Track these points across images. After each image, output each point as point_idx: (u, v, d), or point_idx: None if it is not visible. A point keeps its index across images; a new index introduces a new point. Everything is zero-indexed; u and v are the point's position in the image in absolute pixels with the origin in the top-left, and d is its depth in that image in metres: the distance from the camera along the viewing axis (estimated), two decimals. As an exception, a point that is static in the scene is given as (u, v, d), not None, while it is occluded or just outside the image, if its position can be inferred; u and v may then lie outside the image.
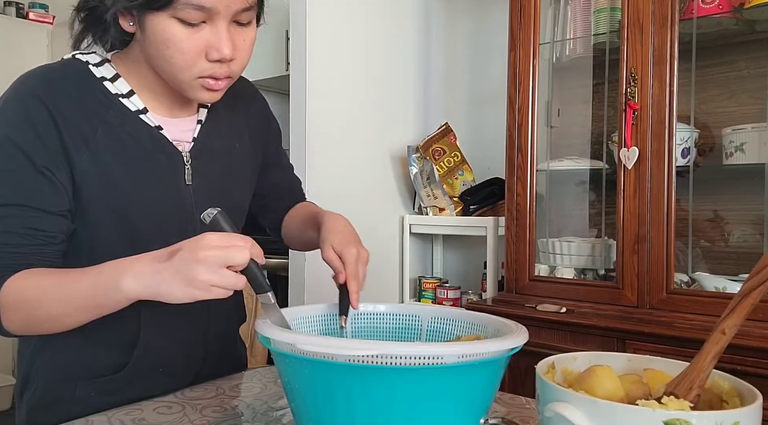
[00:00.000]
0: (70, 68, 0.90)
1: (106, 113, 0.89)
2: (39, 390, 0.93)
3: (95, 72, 0.91)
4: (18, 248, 0.82)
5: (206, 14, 0.81)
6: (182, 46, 0.82)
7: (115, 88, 0.91)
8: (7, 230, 0.82)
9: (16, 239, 0.82)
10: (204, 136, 0.99)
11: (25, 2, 3.57)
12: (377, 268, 2.44)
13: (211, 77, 0.86)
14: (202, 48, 0.83)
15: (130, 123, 0.91)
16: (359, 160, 2.37)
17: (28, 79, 0.87)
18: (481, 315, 0.85)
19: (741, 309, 0.61)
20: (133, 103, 0.92)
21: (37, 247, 0.84)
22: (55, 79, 0.88)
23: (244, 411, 0.89)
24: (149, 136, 0.92)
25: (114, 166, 0.88)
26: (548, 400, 0.60)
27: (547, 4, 2.08)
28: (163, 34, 0.82)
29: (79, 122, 0.86)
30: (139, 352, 0.93)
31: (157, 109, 0.95)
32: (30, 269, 0.82)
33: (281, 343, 0.68)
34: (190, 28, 0.82)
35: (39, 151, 0.83)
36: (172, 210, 0.93)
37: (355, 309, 0.89)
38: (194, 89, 0.87)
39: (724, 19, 1.82)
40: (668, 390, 0.62)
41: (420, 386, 0.64)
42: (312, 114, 2.16)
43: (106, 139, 0.88)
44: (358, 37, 2.34)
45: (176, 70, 0.85)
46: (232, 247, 0.71)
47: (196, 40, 0.83)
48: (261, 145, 1.11)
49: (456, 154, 2.47)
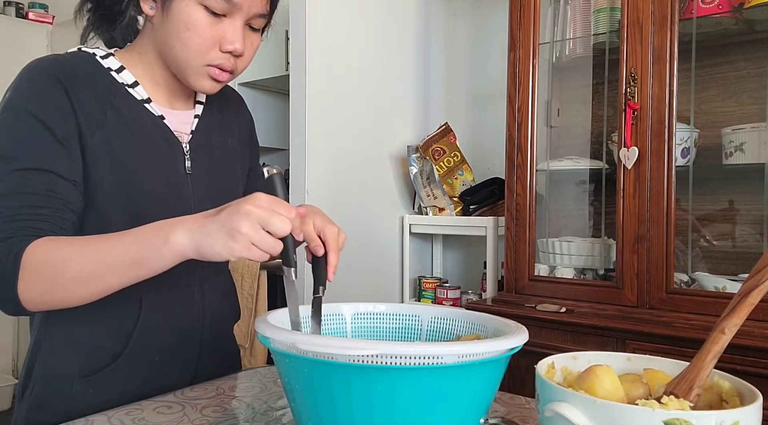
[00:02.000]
0: (79, 57, 0.94)
1: (114, 98, 0.93)
2: (38, 387, 0.93)
3: (102, 63, 0.95)
4: (40, 209, 0.82)
5: (230, 8, 0.89)
6: (202, 31, 0.89)
7: (120, 79, 0.95)
8: (28, 191, 0.82)
9: (37, 200, 0.83)
10: (201, 130, 1.03)
11: (25, 2, 3.57)
12: (377, 268, 2.44)
13: (218, 67, 0.92)
14: (218, 38, 0.90)
15: (136, 110, 0.95)
16: (359, 160, 2.37)
17: (41, 62, 0.90)
18: (481, 315, 0.85)
19: (741, 309, 0.61)
20: (138, 93, 0.96)
21: (58, 212, 0.84)
22: (68, 63, 0.91)
23: (244, 411, 0.89)
24: (153, 124, 0.96)
25: (122, 150, 0.91)
26: (548, 400, 0.60)
27: (547, 4, 2.08)
28: (187, 17, 0.89)
29: (91, 104, 0.89)
30: (137, 336, 0.94)
31: (159, 101, 0.99)
32: (54, 237, 0.81)
33: (281, 343, 0.68)
34: (213, 17, 0.89)
35: (57, 123, 0.86)
36: (173, 196, 0.96)
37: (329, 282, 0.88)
38: (200, 76, 0.93)
39: (724, 19, 1.82)
40: (668, 390, 0.62)
41: (420, 386, 0.64)
42: (312, 114, 2.16)
43: (115, 124, 0.91)
44: (358, 37, 2.35)
45: (190, 53, 0.91)
46: (276, 214, 0.71)
47: (216, 30, 0.90)
48: (248, 147, 1.15)
49: (456, 153, 2.47)
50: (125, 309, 0.93)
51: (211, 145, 1.04)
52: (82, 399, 0.91)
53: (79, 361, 0.92)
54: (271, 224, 0.71)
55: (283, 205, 0.73)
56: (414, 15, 2.59)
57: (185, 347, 1.01)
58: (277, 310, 0.81)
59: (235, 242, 0.71)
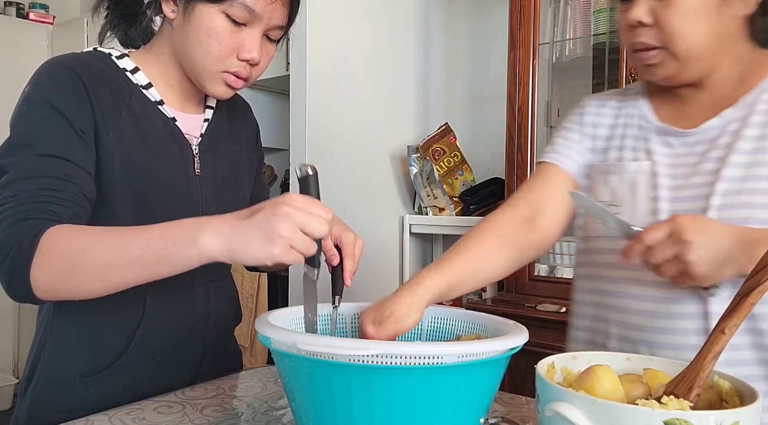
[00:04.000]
0: (96, 57, 0.95)
1: (129, 98, 0.94)
2: (40, 386, 0.93)
3: (118, 63, 0.96)
4: (58, 193, 0.82)
5: (251, 17, 0.90)
6: (223, 37, 0.90)
7: (135, 79, 0.96)
8: (47, 175, 0.82)
9: (55, 184, 0.82)
10: (210, 134, 1.04)
11: (25, 2, 3.57)
12: (377, 268, 2.44)
13: (234, 74, 0.94)
14: (236, 46, 0.92)
15: (149, 111, 0.96)
16: (359, 160, 2.37)
17: (60, 58, 0.91)
18: (481, 315, 0.85)
19: (741, 309, 0.61)
20: (151, 95, 0.97)
21: (74, 197, 0.83)
22: (86, 61, 0.92)
23: (244, 410, 0.89)
24: (165, 125, 0.97)
25: (134, 149, 0.92)
26: (548, 400, 0.60)
27: (546, 4, 2.08)
28: (209, 24, 0.90)
29: (108, 102, 0.91)
30: (140, 336, 0.94)
31: (172, 103, 1.00)
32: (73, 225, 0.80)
33: (281, 343, 0.68)
34: (234, 26, 0.91)
35: (75, 115, 0.87)
36: (183, 197, 0.97)
37: (347, 287, 0.91)
38: (215, 81, 0.95)
39: (724, 19, 1.82)
40: (668, 389, 0.62)
41: (420, 386, 0.64)
42: (312, 114, 2.16)
43: (130, 123, 0.92)
44: (358, 37, 2.35)
45: (209, 59, 0.92)
46: (314, 216, 0.69)
47: (235, 38, 0.91)
48: (254, 153, 1.16)
49: (456, 154, 2.47)
50: (129, 308, 0.93)
51: (219, 149, 1.05)
52: (84, 397, 0.91)
53: (82, 360, 0.93)
54: (309, 226, 0.69)
55: (319, 205, 0.71)
56: (414, 15, 2.59)
57: (188, 348, 1.01)
58: (277, 310, 0.81)
59: (274, 245, 0.68)
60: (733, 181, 0.87)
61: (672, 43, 0.88)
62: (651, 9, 0.88)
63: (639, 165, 0.96)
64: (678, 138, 0.95)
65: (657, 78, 0.93)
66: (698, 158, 0.92)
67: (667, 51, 0.89)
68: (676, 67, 0.90)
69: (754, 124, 0.90)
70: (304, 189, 0.75)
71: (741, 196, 0.86)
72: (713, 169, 0.90)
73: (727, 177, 0.88)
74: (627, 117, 1.02)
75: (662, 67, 0.91)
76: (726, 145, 0.90)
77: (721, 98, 0.94)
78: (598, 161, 1.03)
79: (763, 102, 0.91)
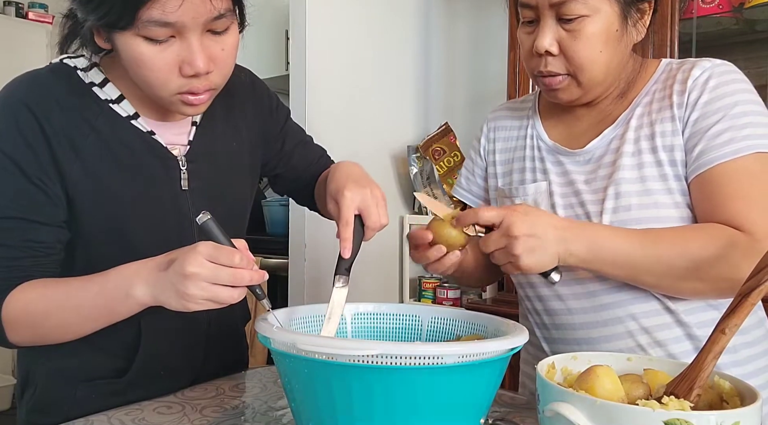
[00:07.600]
0: (58, 74, 0.88)
1: (96, 120, 0.87)
2: (39, 390, 0.92)
3: (84, 77, 0.89)
4: (17, 261, 0.82)
5: (173, 29, 0.77)
6: (152, 64, 0.78)
7: (104, 94, 0.89)
8: (5, 244, 0.82)
9: (15, 252, 0.82)
10: (199, 138, 0.96)
11: (25, 2, 3.57)
12: (377, 268, 2.44)
13: (189, 93, 0.82)
14: (174, 64, 0.79)
15: (121, 129, 0.88)
16: (359, 160, 2.34)
17: (16, 87, 0.85)
18: (481, 315, 0.85)
19: (741, 309, 0.61)
20: (123, 109, 0.89)
21: (36, 259, 0.83)
22: (44, 86, 0.86)
23: (244, 411, 0.89)
24: (141, 141, 0.90)
25: (106, 177, 0.87)
26: (548, 400, 0.60)
27: (546, 4, 2.08)
28: (132, 53, 0.78)
29: (70, 131, 0.84)
30: (141, 358, 0.93)
31: (149, 114, 0.92)
32: (30, 281, 0.82)
33: (281, 343, 0.68)
34: (158, 45, 0.77)
35: (31, 162, 0.82)
36: (169, 216, 0.92)
37: (344, 258, 0.86)
38: (175, 105, 0.85)
39: (724, 19, 1.82)
40: (668, 390, 0.62)
41: (420, 386, 0.64)
42: (312, 114, 2.16)
43: (97, 149, 0.86)
44: (358, 37, 2.34)
45: (152, 89, 0.82)
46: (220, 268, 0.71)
47: (167, 57, 0.78)
48: (262, 140, 1.08)
49: (456, 153, 2.47)
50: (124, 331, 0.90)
51: (211, 151, 0.98)
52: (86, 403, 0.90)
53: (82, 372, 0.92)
54: (219, 279, 0.72)
55: (225, 254, 0.72)
56: (414, 15, 2.59)
57: (189, 360, 1.00)
58: (277, 310, 0.81)
59: (188, 302, 0.72)
60: (620, 198, 0.90)
61: (578, 72, 0.90)
62: (557, 38, 0.89)
63: (537, 186, 1.00)
64: (567, 157, 0.99)
65: (560, 101, 0.96)
66: (588, 176, 0.96)
67: (572, 78, 0.91)
68: (579, 92, 0.93)
69: (629, 140, 0.93)
70: (208, 236, 0.74)
71: (630, 212, 0.90)
72: (601, 187, 0.93)
73: (614, 194, 0.91)
74: (524, 138, 1.06)
75: (566, 92, 0.93)
76: (611, 163, 0.94)
77: (605, 115, 0.98)
78: (503, 184, 1.07)
79: (636, 117, 0.94)
